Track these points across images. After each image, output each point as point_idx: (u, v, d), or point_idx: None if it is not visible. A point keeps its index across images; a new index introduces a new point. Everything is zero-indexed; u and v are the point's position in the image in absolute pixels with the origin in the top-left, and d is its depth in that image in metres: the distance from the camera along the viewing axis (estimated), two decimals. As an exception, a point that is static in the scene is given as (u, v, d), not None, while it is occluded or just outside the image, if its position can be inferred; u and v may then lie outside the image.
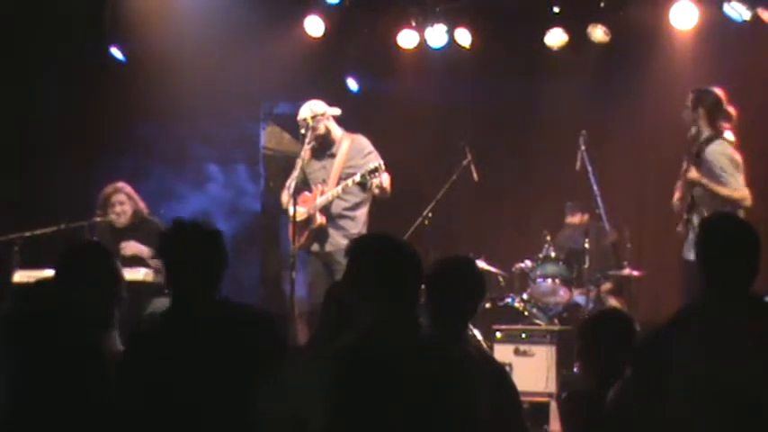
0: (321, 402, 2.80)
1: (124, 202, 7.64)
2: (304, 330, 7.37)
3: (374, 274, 3.21)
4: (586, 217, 8.97)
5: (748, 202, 6.81)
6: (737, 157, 6.89)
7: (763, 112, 8.50)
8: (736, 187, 6.82)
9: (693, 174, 6.87)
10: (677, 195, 7.06)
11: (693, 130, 6.98)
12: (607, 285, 8.65)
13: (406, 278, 3.24)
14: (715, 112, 6.93)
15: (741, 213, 6.71)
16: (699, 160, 6.89)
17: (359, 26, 9.63)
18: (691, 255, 6.65)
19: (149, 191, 8.29)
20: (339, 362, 2.89)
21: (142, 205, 7.74)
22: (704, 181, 6.83)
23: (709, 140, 6.89)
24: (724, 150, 6.87)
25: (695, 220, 6.78)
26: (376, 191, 7.44)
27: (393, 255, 3.26)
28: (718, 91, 6.98)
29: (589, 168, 7.97)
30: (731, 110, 6.97)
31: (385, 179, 7.39)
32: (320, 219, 7.61)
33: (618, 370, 3.87)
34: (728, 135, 6.95)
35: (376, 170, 7.35)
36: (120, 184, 7.72)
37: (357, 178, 7.45)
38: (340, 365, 2.87)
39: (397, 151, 8.13)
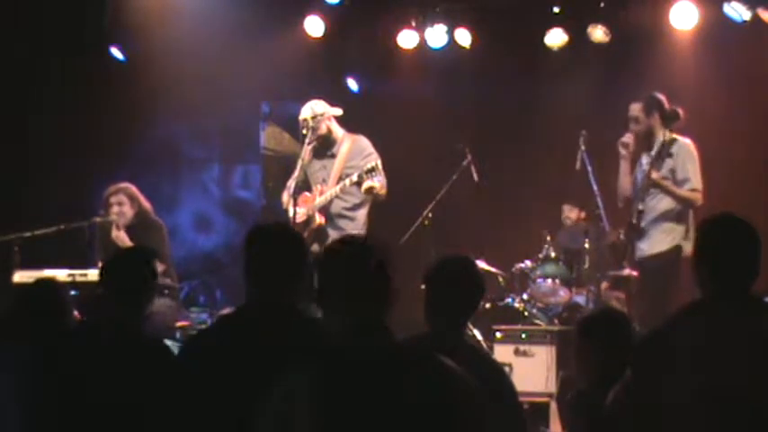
0: (305, 412, 2.76)
1: (123, 202, 7.59)
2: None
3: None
4: (583, 214, 9.03)
5: (700, 201, 7.16)
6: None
7: (763, 112, 8.50)
8: (697, 186, 7.19)
9: (656, 174, 7.09)
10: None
11: (641, 133, 7.33)
12: (607, 285, 8.64)
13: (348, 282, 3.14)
14: (668, 115, 7.24)
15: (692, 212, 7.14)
16: (660, 162, 7.05)
17: (359, 26, 9.62)
18: (643, 253, 7.19)
19: (149, 191, 8.28)
20: (319, 376, 2.82)
21: (146, 206, 7.68)
22: (666, 183, 7.07)
23: (673, 140, 7.20)
24: (690, 148, 7.22)
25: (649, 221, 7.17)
26: (365, 194, 7.43)
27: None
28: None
29: (589, 168, 7.96)
30: (679, 110, 7.22)
31: (377, 181, 7.37)
32: (319, 219, 7.61)
33: (611, 371, 3.84)
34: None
35: (372, 170, 7.34)
36: (124, 185, 7.67)
37: (354, 178, 7.44)
38: (320, 379, 2.81)
39: (397, 151, 8.12)
